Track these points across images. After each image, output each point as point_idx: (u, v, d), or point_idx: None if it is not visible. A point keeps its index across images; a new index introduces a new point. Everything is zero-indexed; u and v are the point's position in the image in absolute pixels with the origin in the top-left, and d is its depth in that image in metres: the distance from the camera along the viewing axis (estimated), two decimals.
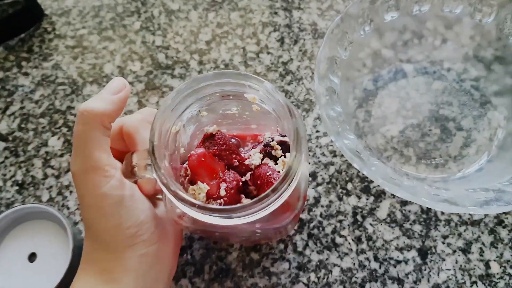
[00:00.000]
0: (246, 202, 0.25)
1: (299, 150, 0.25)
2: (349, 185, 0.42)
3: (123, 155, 0.31)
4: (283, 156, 0.30)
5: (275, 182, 0.25)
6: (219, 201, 0.28)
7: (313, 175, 0.43)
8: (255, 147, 0.32)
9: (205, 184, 0.29)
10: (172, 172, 0.29)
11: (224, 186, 0.28)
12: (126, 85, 0.31)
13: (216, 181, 0.29)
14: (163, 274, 0.33)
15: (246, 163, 0.30)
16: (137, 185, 0.32)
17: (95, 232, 0.30)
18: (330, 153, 0.44)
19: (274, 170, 0.29)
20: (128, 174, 0.30)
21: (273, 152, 0.30)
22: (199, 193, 0.28)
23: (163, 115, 0.27)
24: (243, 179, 0.30)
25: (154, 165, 0.26)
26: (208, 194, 0.28)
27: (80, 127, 0.28)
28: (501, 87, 0.43)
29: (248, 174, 0.30)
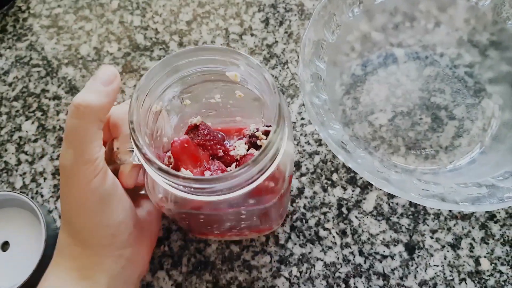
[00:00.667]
0: (229, 172, 0.23)
1: (281, 125, 0.23)
2: (335, 176, 0.39)
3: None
4: None
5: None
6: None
7: (297, 165, 0.40)
8: (241, 139, 0.29)
9: (188, 171, 0.26)
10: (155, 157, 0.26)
11: (208, 174, 0.26)
12: (117, 75, 0.28)
13: (200, 169, 0.27)
14: (134, 276, 0.32)
15: (231, 154, 0.28)
16: (119, 179, 0.30)
17: (74, 228, 0.29)
18: (315, 142, 0.41)
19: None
20: (110, 160, 0.28)
21: (259, 142, 0.28)
22: None
23: (142, 93, 0.25)
24: (228, 169, 0.28)
25: (135, 141, 0.23)
26: None
27: (75, 121, 0.27)
28: (497, 74, 0.40)
29: (234, 165, 0.28)
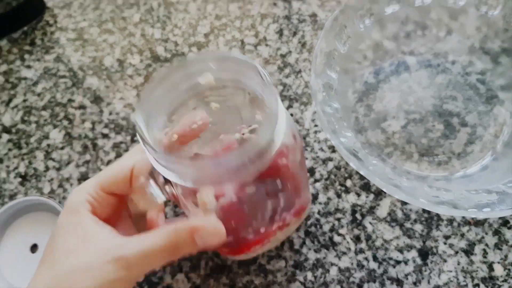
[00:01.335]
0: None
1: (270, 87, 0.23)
2: (348, 182, 0.39)
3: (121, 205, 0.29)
4: None
5: None
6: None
7: (311, 171, 0.39)
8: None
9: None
10: None
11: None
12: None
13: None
14: None
15: None
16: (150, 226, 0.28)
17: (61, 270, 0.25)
18: (329, 148, 0.40)
19: None
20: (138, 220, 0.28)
21: None
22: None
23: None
24: None
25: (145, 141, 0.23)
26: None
27: None
28: (509, 81, 0.39)
29: None
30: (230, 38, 0.46)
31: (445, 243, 0.36)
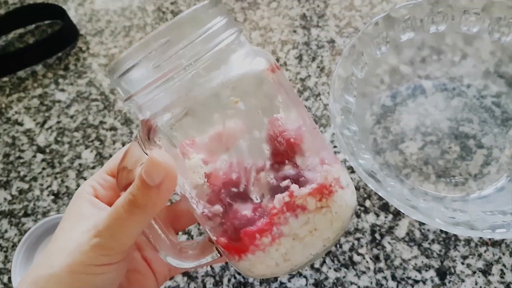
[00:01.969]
0: None
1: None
2: (367, 202, 0.41)
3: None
4: None
5: None
6: None
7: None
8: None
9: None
10: None
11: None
12: None
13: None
14: None
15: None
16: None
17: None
18: (348, 169, 0.43)
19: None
20: (123, 181, 0.27)
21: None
22: None
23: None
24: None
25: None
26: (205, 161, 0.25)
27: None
28: None
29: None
30: None
31: (463, 263, 0.37)
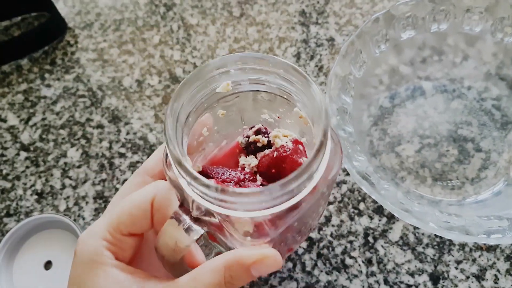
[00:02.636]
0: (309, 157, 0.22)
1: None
2: (362, 205, 0.42)
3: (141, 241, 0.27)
4: (267, 137, 0.29)
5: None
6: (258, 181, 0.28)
7: None
8: (240, 156, 0.30)
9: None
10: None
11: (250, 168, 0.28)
12: None
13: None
14: None
15: (248, 171, 0.29)
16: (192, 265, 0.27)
17: None
18: (343, 171, 0.43)
19: (271, 152, 0.28)
20: (174, 259, 0.25)
21: (259, 144, 0.29)
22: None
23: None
24: (259, 183, 0.28)
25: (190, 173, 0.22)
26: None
27: None
28: None
29: (258, 178, 0.29)
30: None
31: (457, 268, 0.38)
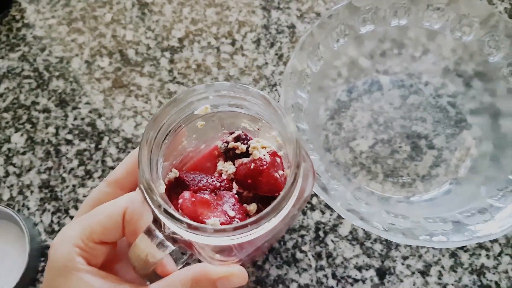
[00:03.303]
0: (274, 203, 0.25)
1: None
2: (314, 200, 0.43)
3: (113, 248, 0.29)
4: (246, 145, 0.31)
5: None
6: (235, 221, 0.29)
7: None
8: (219, 161, 0.32)
9: (214, 219, 0.28)
10: None
11: (229, 207, 0.29)
12: None
13: (221, 209, 0.29)
14: None
15: (225, 178, 0.30)
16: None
17: None
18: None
19: (248, 162, 0.30)
20: (145, 269, 0.27)
21: (238, 151, 0.31)
22: None
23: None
24: (234, 192, 0.30)
25: (167, 213, 0.24)
26: (223, 224, 0.28)
27: None
28: (478, 105, 0.44)
29: (234, 185, 0.30)
30: (206, 45, 0.50)
31: (403, 264, 0.40)
